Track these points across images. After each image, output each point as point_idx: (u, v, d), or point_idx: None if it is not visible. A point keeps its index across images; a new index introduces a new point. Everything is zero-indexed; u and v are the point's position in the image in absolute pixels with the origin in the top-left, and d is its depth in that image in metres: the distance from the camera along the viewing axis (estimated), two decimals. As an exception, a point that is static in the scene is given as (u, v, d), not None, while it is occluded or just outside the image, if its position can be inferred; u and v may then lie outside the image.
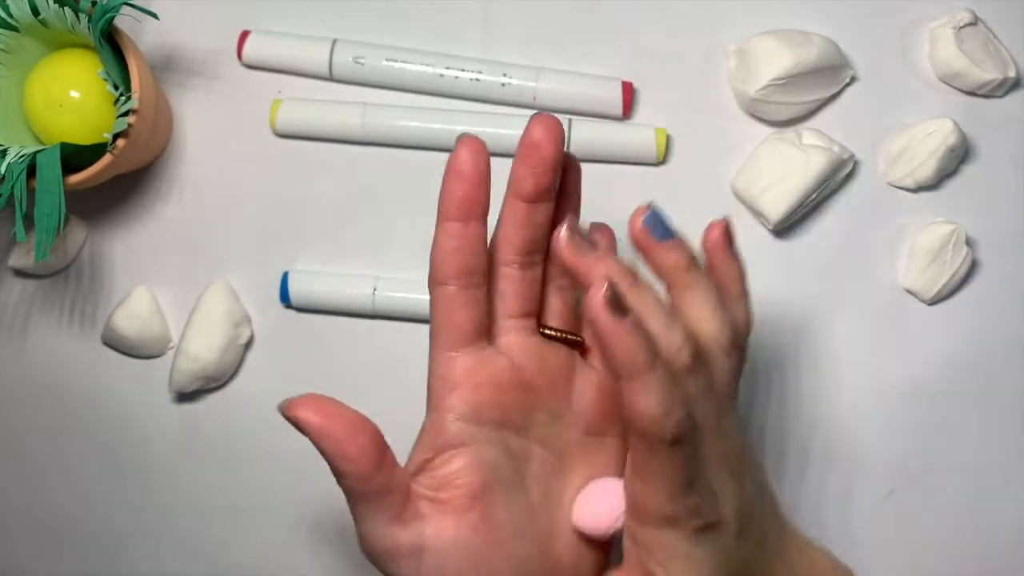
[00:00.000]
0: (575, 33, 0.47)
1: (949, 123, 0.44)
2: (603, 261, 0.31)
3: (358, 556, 0.48)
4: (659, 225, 0.32)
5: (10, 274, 0.49)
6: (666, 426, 0.27)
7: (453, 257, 0.31)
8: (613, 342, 0.27)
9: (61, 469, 0.49)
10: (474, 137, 0.31)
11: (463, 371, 0.32)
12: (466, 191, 0.31)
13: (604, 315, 0.27)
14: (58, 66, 0.44)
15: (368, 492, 0.31)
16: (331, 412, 0.32)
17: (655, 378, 0.27)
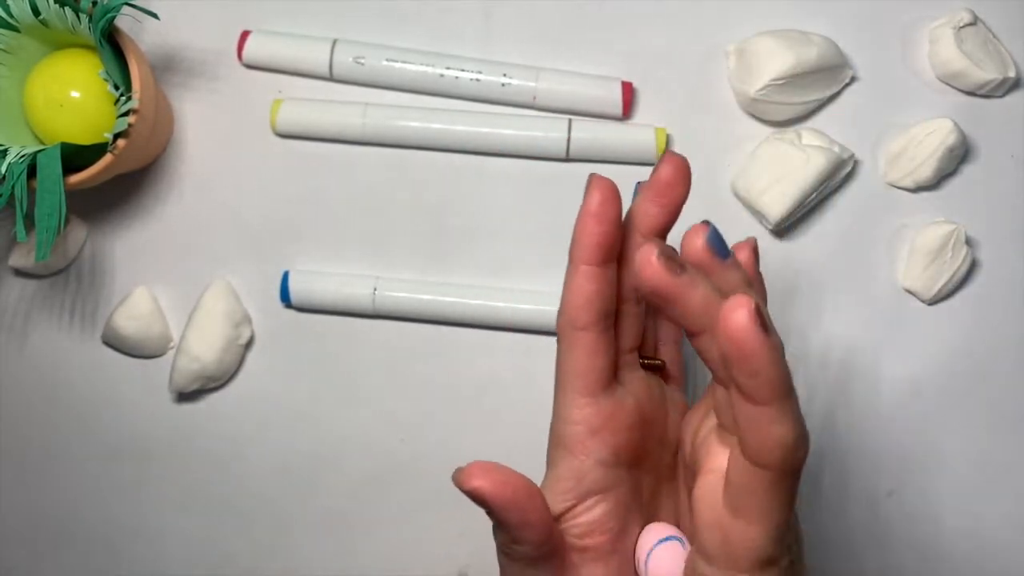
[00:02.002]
0: (575, 33, 0.48)
1: (949, 123, 0.44)
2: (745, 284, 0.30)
3: (357, 554, 0.48)
4: (720, 243, 0.30)
5: (10, 274, 0.49)
6: (799, 456, 0.26)
7: (592, 303, 0.31)
8: (763, 364, 0.25)
9: (61, 469, 0.49)
10: (605, 178, 0.31)
11: (604, 416, 0.31)
12: (603, 234, 0.31)
13: (754, 334, 0.24)
14: (58, 66, 0.44)
15: (541, 556, 0.30)
16: (506, 481, 0.29)
17: (793, 404, 0.26)
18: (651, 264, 0.27)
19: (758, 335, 0.25)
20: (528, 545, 0.29)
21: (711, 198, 0.47)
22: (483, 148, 0.47)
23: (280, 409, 0.48)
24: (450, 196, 0.47)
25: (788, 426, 0.25)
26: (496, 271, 0.47)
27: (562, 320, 0.32)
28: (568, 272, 0.32)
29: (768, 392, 0.25)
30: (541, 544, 0.29)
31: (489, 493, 0.29)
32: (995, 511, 0.46)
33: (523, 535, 0.29)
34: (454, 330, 0.47)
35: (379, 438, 0.48)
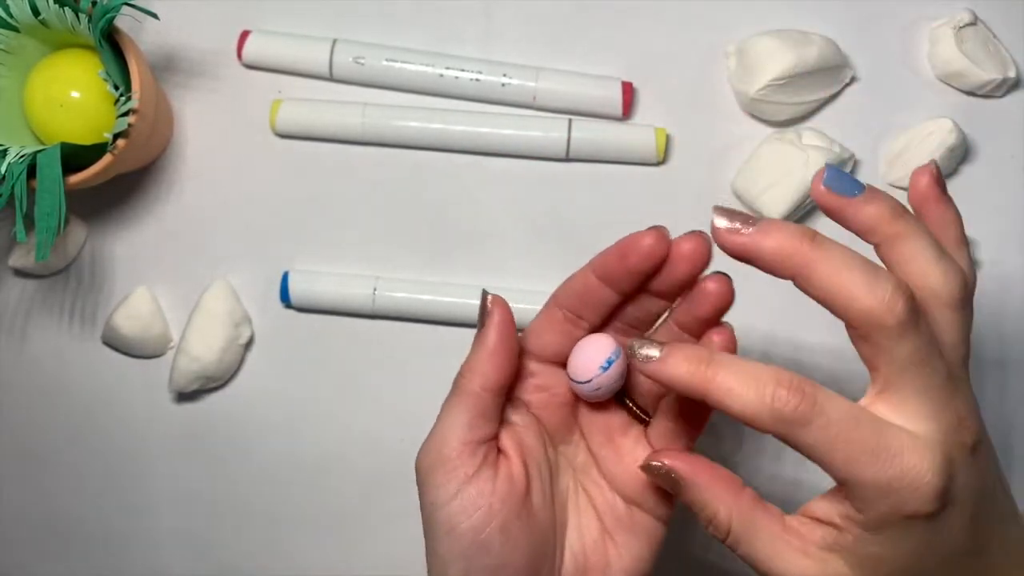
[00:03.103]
0: (575, 33, 0.47)
1: (949, 123, 0.44)
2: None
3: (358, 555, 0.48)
4: (844, 180, 0.29)
5: (10, 274, 0.49)
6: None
7: (577, 297, 0.33)
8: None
9: (61, 468, 0.49)
10: (663, 232, 0.32)
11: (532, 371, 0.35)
12: (629, 265, 0.32)
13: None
14: (58, 66, 0.44)
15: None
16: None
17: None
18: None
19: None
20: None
21: (711, 198, 0.47)
22: (483, 148, 0.47)
23: (280, 409, 0.48)
24: (450, 196, 0.47)
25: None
26: (496, 271, 0.47)
27: (554, 292, 0.34)
28: (584, 266, 0.33)
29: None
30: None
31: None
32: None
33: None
34: (454, 330, 0.47)
35: (379, 438, 0.48)
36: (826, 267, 0.27)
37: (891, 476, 0.27)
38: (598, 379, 0.32)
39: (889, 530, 0.27)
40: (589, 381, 0.32)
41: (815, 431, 0.27)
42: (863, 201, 0.29)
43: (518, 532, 0.32)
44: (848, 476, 0.27)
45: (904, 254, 0.28)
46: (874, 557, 0.28)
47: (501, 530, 0.31)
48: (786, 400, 0.27)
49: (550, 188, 0.47)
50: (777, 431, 0.27)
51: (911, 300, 0.27)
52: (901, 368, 0.28)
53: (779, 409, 0.27)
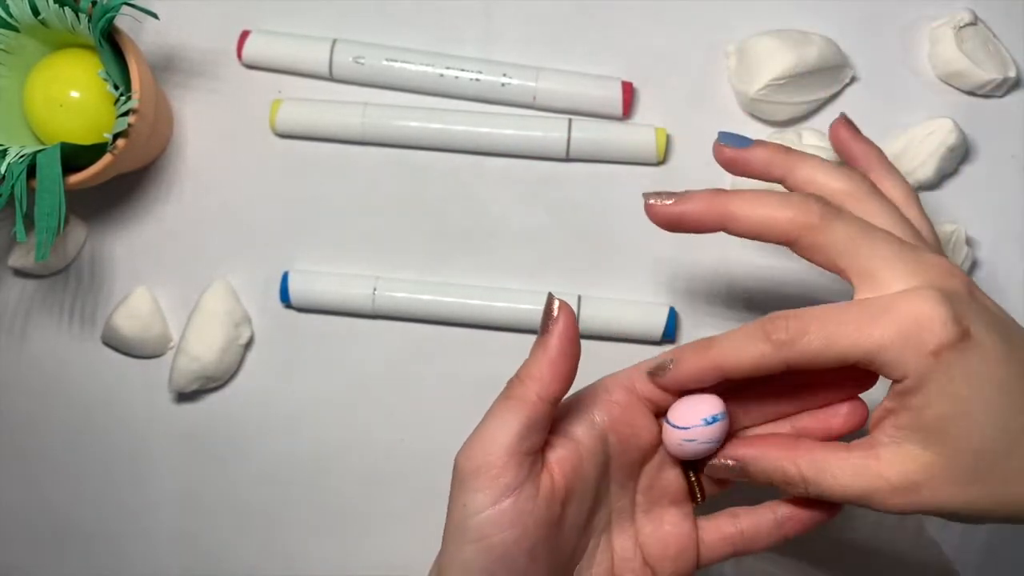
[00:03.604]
0: (575, 33, 0.47)
1: (949, 123, 0.44)
2: None
3: (358, 555, 0.48)
4: (736, 138, 0.36)
5: (10, 274, 0.49)
6: (808, 208, 0.31)
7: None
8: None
9: (61, 469, 0.49)
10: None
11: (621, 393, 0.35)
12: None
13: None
14: (58, 66, 0.44)
15: None
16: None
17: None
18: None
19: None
20: None
21: (711, 198, 0.47)
22: (483, 148, 0.47)
23: (280, 409, 0.48)
24: (450, 196, 0.47)
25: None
26: (496, 271, 0.47)
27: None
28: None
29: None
30: None
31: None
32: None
33: None
34: (454, 330, 0.47)
35: (379, 438, 0.48)
36: (744, 206, 0.32)
37: (900, 325, 0.28)
38: (696, 430, 0.32)
39: (931, 381, 0.28)
40: (687, 428, 0.32)
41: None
42: (754, 147, 0.35)
43: (544, 555, 0.31)
44: (864, 347, 0.29)
45: (805, 176, 0.34)
46: (935, 417, 0.29)
47: (530, 551, 0.31)
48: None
49: (550, 188, 0.47)
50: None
51: (821, 198, 0.31)
52: (851, 249, 0.31)
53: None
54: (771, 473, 0.32)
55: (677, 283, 0.47)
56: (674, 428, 0.32)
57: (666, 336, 0.46)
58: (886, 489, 0.30)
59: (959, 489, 0.29)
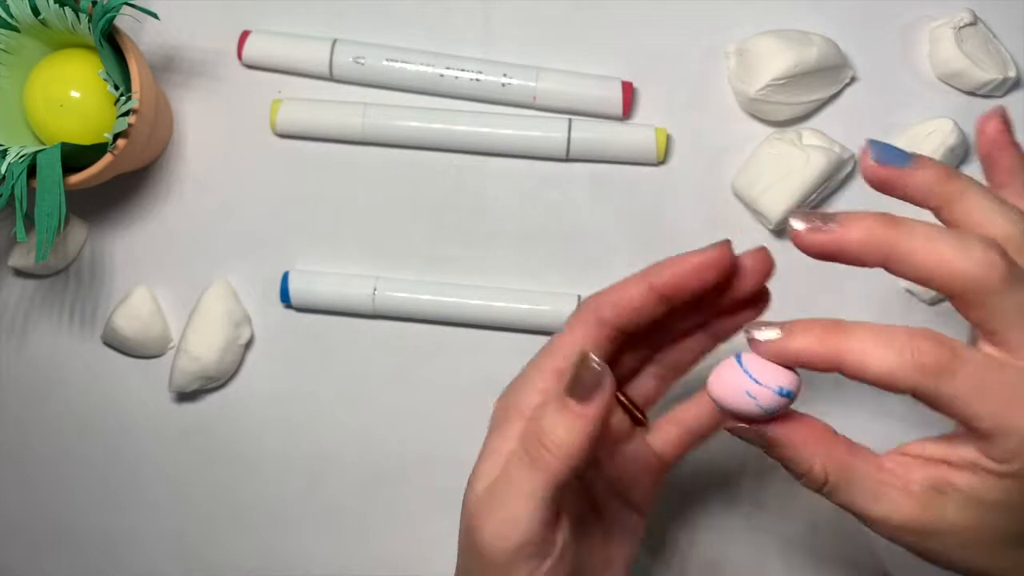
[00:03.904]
0: (575, 33, 0.47)
1: (949, 123, 0.44)
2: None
3: (358, 555, 0.48)
4: (891, 151, 0.29)
5: (10, 274, 0.49)
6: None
7: (634, 313, 0.32)
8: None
9: (60, 469, 0.49)
10: (730, 245, 0.32)
11: None
12: (704, 281, 0.32)
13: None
14: (58, 66, 0.44)
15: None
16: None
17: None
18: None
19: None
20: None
21: (711, 198, 0.47)
22: (483, 148, 0.47)
23: (280, 409, 0.48)
24: (450, 196, 0.47)
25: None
26: (496, 271, 0.47)
27: (589, 301, 0.33)
28: (635, 277, 0.32)
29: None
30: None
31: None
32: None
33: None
34: (454, 330, 0.47)
35: (379, 438, 0.48)
36: (913, 244, 0.27)
37: None
38: (765, 393, 0.28)
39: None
40: (759, 384, 0.28)
41: (961, 380, 0.26)
42: (913, 169, 0.29)
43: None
44: (997, 425, 0.26)
45: (966, 210, 0.28)
46: (994, 504, 0.27)
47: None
48: (928, 351, 0.26)
49: (550, 188, 0.47)
50: (920, 386, 0.26)
51: (1003, 251, 0.27)
52: (1016, 320, 0.27)
53: (923, 362, 0.26)
54: (794, 463, 0.29)
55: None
56: (746, 375, 0.29)
57: (666, 336, 0.46)
58: (909, 529, 0.28)
59: (998, 552, 0.28)
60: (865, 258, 0.28)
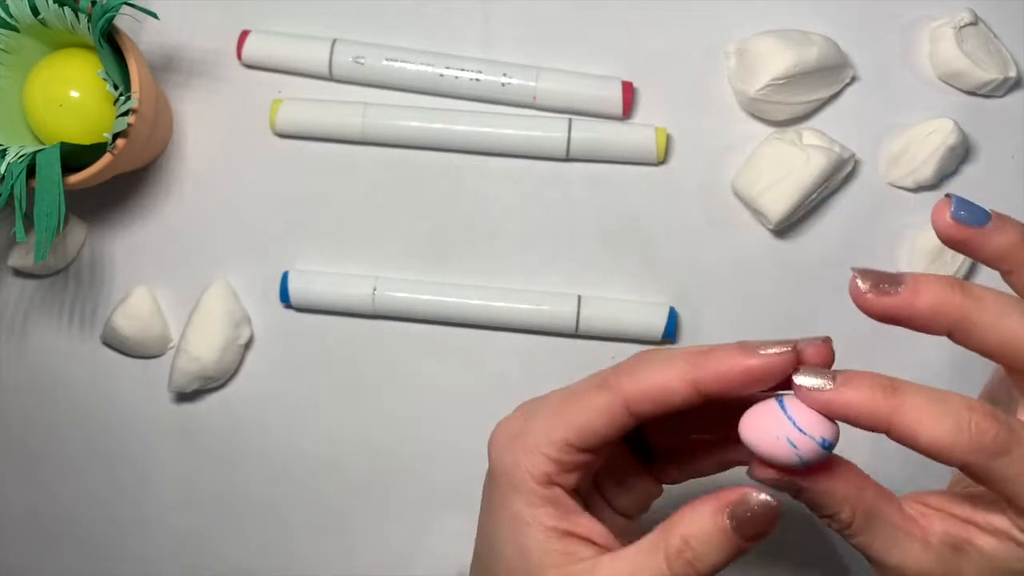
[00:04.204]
0: (575, 33, 0.47)
1: (949, 123, 0.44)
2: None
3: (358, 555, 0.48)
4: (973, 210, 0.28)
5: (10, 274, 0.49)
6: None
7: (664, 408, 0.29)
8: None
9: (60, 469, 0.49)
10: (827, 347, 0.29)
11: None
12: (756, 382, 0.28)
13: None
14: (58, 66, 0.44)
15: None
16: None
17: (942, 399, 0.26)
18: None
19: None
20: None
21: (711, 198, 0.47)
22: (483, 148, 0.47)
23: (279, 409, 0.48)
24: (450, 196, 0.47)
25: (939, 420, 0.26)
26: (496, 271, 0.47)
27: (624, 384, 0.29)
28: (677, 365, 0.28)
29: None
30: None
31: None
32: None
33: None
34: (454, 330, 0.47)
35: (379, 438, 0.48)
36: (986, 317, 0.26)
37: None
38: (806, 442, 0.26)
39: None
40: (803, 434, 0.26)
41: (1015, 461, 0.25)
42: (993, 230, 0.28)
43: None
44: None
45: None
46: (1015, 572, 0.27)
47: None
48: (988, 430, 0.25)
49: (550, 188, 0.47)
50: (973, 462, 0.25)
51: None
52: None
53: (982, 442, 0.25)
54: (825, 507, 0.28)
55: (677, 283, 0.47)
56: (789, 421, 0.26)
57: (666, 336, 0.46)
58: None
59: None
60: (931, 327, 0.27)
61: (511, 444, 0.31)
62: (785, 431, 0.26)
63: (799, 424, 0.26)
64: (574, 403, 0.30)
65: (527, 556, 0.29)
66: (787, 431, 0.26)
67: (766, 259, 0.46)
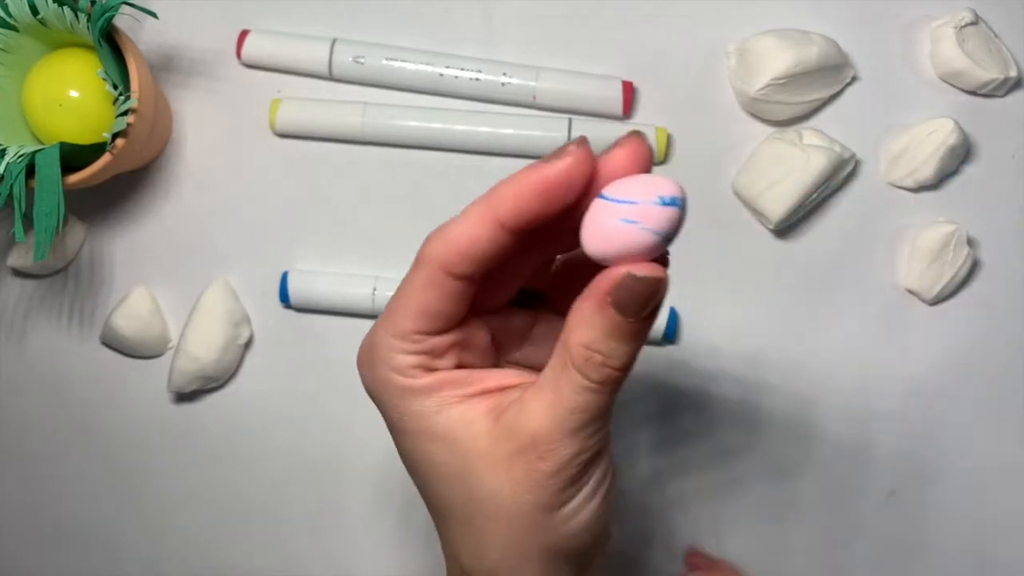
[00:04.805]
0: (575, 33, 0.47)
1: (950, 123, 0.44)
2: None
3: (357, 554, 0.48)
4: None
5: (9, 274, 0.49)
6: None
7: (484, 258, 0.27)
8: None
9: (60, 469, 0.49)
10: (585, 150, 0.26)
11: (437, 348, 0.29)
12: (555, 200, 0.26)
13: None
14: (57, 65, 0.44)
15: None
16: None
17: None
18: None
19: None
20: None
21: (711, 198, 0.47)
22: (483, 148, 0.47)
23: (279, 409, 0.48)
24: (450, 196, 0.47)
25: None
26: (496, 271, 0.47)
27: (432, 251, 0.27)
28: (475, 210, 0.27)
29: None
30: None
31: None
32: (997, 511, 0.46)
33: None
34: (454, 330, 0.47)
35: (378, 438, 0.47)
36: None
37: None
38: (643, 208, 0.23)
39: None
40: (632, 203, 0.23)
41: None
42: None
43: None
44: None
45: None
46: None
47: None
48: None
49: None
50: None
51: None
52: None
53: None
54: None
55: (677, 283, 0.47)
56: (612, 202, 0.24)
57: (667, 336, 0.46)
58: None
59: None
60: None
61: (370, 362, 0.30)
62: (617, 214, 0.24)
63: (623, 197, 0.24)
64: (401, 293, 0.28)
65: (456, 446, 0.28)
66: (618, 213, 0.24)
67: (766, 259, 0.46)
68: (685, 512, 0.46)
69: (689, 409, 0.46)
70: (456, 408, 0.28)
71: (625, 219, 0.23)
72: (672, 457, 0.46)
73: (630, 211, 0.23)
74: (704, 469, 0.46)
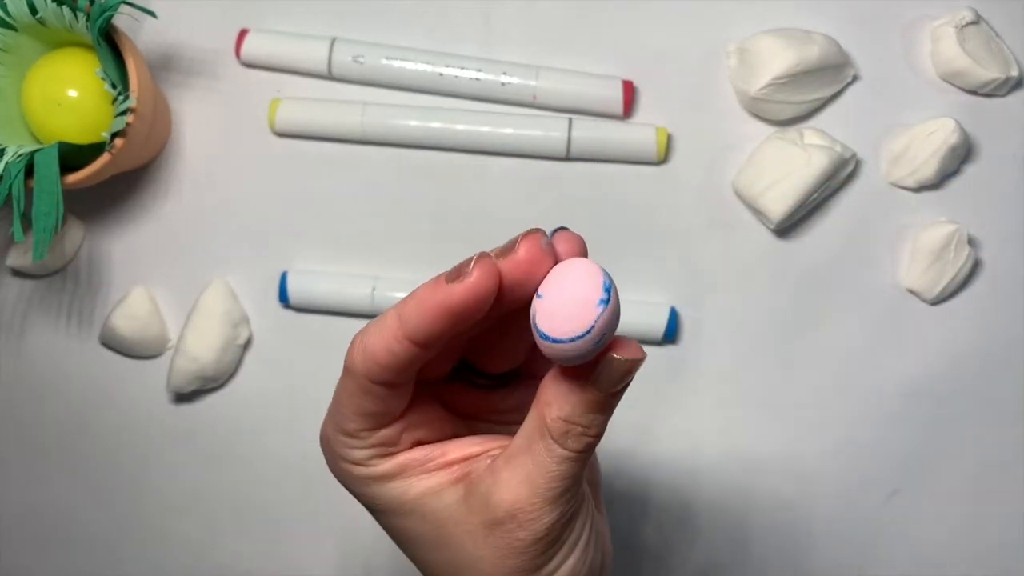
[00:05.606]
0: (575, 32, 0.47)
1: (951, 122, 0.44)
2: None
3: (357, 554, 0.48)
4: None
5: (8, 274, 0.49)
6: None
7: (404, 372, 0.27)
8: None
9: (59, 469, 0.49)
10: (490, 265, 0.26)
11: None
12: (461, 318, 0.26)
13: None
14: (56, 65, 0.44)
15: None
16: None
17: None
18: None
19: None
20: None
21: (712, 198, 0.46)
22: (483, 147, 0.47)
23: (278, 409, 0.48)
24: (450, 196, 0.47)
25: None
26: (496, 271, 0.47)
27: (355, 361, 0.27)
28: (389, 324, 0.26)
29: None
30: None
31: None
32: (997, 511, 0.46)
33: None
34: (454, 330, 0.47)
35: (378, 439, 0.48)
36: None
37: None
38: (598, 323, 0.23)
39: None
40: (568, 341, 0.23)
41: None
42: None
43: None
44: None
45: None
46: None
47: None
48: None
49: (550, 188, 0.47)
50: None
51: None
52: None
53: None
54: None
55: (678, 283, 0.47)
56: (564, 343, 0.24)
57: (667, 336, 0.46)
58: None
59: None
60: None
61: (328, 454, 0.31)
62: (559, 353, 0.24)
63: (542, 330, 0.24)
64: (337, 396, 0.29)
65: (429, 519, 0.28)
66: (559, 351, 0.24)
67: (767, 259, 0.46)
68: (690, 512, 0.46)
69: (689, 409, 0.46)
70: (423, 483, 0.29)
71: (569, 354, 0.24)
72: (673, 458, 0.46)
73: (569, 348, 0.24)
74: (702, 477, 0.46)
